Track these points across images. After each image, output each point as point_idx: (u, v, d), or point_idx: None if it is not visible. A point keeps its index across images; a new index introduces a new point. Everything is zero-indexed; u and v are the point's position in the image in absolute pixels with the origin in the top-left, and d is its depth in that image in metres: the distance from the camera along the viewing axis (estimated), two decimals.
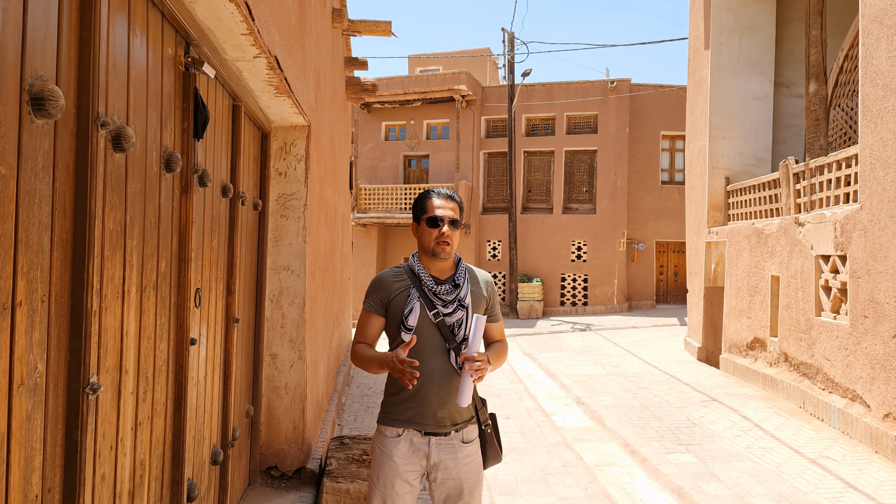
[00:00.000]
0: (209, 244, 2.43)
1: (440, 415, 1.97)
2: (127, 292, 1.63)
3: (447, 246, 2.00)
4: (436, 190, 2.10)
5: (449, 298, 1.99)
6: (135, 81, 1.66)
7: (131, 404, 1.68)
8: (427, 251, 2.02)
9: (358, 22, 5.57)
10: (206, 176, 2.24)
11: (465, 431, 2.03)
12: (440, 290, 2.00)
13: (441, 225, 2.00)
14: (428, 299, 1.99)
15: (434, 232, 2.00)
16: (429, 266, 2.05)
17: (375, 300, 2.05)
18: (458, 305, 2.00)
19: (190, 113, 2.06)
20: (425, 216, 2.03)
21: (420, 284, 2.01)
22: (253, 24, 2.14)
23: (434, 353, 1.98)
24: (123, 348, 1.62)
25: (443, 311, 1.99)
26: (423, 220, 2.04)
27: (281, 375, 3.51)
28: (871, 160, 5.10)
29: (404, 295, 2.01)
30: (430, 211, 2.02)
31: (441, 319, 1.98)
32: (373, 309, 2.05)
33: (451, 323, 1.99)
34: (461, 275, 2.06)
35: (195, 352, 2.24)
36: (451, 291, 2.01)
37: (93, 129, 1.38)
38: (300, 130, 3.55)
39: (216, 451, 2.53)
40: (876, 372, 4.94)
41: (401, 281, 2.05)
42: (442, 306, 1.99)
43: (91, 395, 1.38)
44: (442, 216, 2.01)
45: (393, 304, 2.02)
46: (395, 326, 2.01)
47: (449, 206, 2.03)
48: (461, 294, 2.01)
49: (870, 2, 5.21)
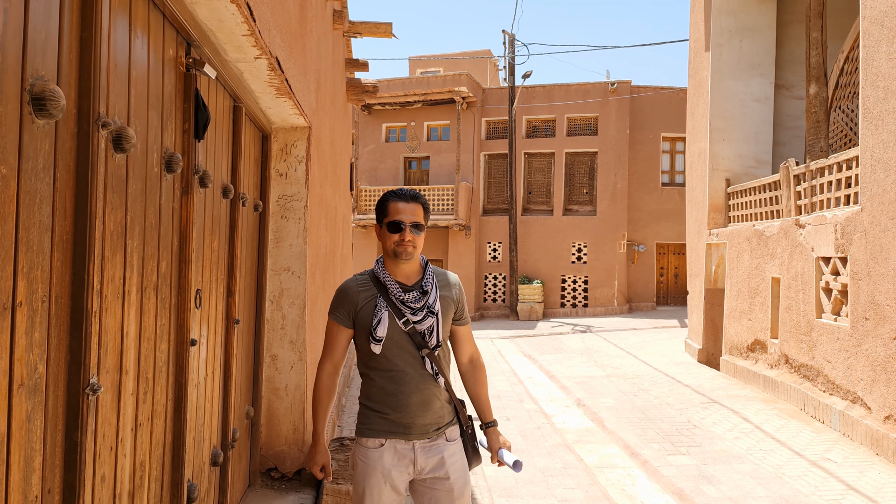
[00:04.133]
0: (210, 245, 2.43)
1: (421, 422, 1.92)
2: (127, 293, 1.63)
3: (410, 247, 1.91)
4: (398, 190, 1.99)
5: (417, 306, 1.91)
6: (136, 82, 1.66)
7: (131, 405, 1.68)
8: (389, 254, 1.94)
9: (359, 23, 5.58)
10: (207, 177, 2.24)
11: (448, 431, 1.98)
12: (408, 298, 1.91)
13: (403, 229, 1.91)
14: (396, 308, 1.90)
15: (395, 236, 1.91)
16: (394, 271, 1.96)
17: (342, 312, 1.96)
18: (427, 312, 1.92)
19: (191, 114, 2.06)
20: (386, 220, 1.94)
21: (387, 293, 1.92)
22: (254, 25, 2.14)
23: (409, 361, 1.92)
24: (124, 349, 1.62)
25: (412, 318, 1.91)
26: (384, 223, 1.94)
27: (281, 377, 3.51)
28: (872, 162, 5.10)
29: (371, 305, 1.92)
30: (391, 215, 1.93)
31: (412, 327, 1.91)
32: (340, 321, 1.96)
33: (422, 330, 1.92)
34: (429, 280, 1.97)
35: (195, 353, 2.23)
36: (419, 299, 1.92)
37: (94, 130, 1.38)
38: (301, 132, 3.55)
39: (216, 453, 2.52)
40: (877, 374, 4.93)
41: (367, 290, 1.95)
42: (411, 314, 1.91)
43: (91, 395, 1.37)
44: (402, 220, 1.91)
45: (360, 314, 1.93)
46: (364, 338, 1.93)
47: (411, 208, 1.93)
48: (430, 301, 1.93)
49: (870, 4, 5.21)
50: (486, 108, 17.74)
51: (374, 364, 1.94)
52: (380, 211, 1.98)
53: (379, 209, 1.99)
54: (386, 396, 1.92)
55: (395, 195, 1.96)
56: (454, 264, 17.19)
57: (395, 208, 1.93)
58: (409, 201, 1.94)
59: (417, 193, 1.98)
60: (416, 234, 1.91)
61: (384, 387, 1.93)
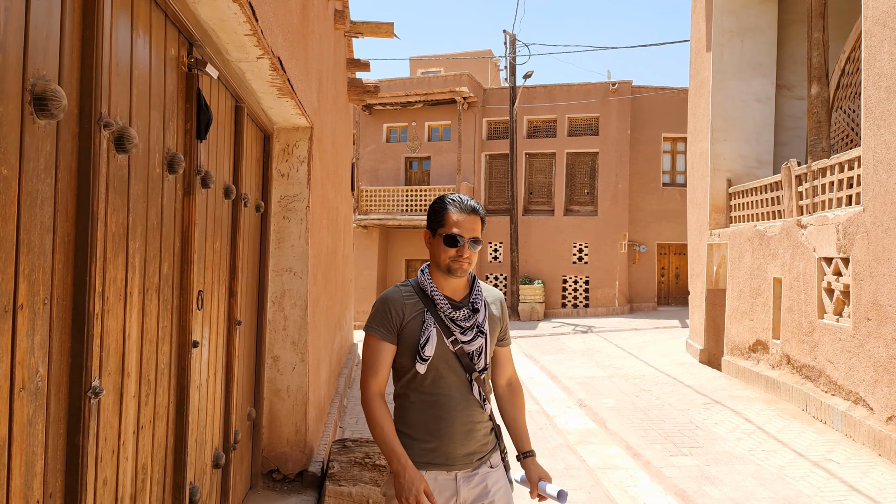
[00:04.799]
0: (212, 246, 2.42)
1: (465, 451, 1.75)
2: (129, 295, 1.62)
3: (466, 264, 1.74)
4: (458, 199, 1.78)
5: (467, 325, 1.76)
6: (138, 82, 1.65)
7: (133, 408, 1.66)
8: (441, 268, 1.76)
9: (360, 23, 5.57)
10: (209, 177, 2.23)
11: (492, 458, 1.83)
12: (458, 316, 1.75)
13: (461, 244, 1.73)
14: (444, 325, 1.74)
15: (451, 251, 1.74)
16: (442, 284, 1.79)
17: (385, 326, 1.76)
18: (477, 332, 1.76)
19: (193, 114, 2.05)
20: (443, 231, 1.75)
21: (435, 308, 1.76)
22: (256, 25, 2.13)
23: (454, 385, 1.76)
24: (126, 351, 1.61)
25: (461, 338, 1.75)
26: (439, 234, 1.76)
27: (283, 378, 3.49)
28: (874, 162, 5.08)
29: (419, 320, 1.75)
30: (448, 226, 1.74)
31: (460, 347, 1.75)
32: (383, 336, 1.75)
33: (471, 351, 1.76)
34: (478, 297, 1.82)
35: (197, 354, 2.22)
36: (468, 317, 1.77)
37: (95, 130, 1.37)
38: (303, 132, 3.54)
39: (218, 455, 2.51)
40: (879, 375, 4.92)
41: (412, 303, 1.77)
42: (460, 333, 1.74)
43: (93, 399, 1.36)
44: (461, 235, 1.73)
45: (406, 330, 1.75)
46: (407, 356, 1.75)
47: (471, 221, 1.75)
48: (479, 320, 1.78)
49: (872, 4, 5.20)
50: (487, 108, 17.73)
51: (416, 386, 1.77)
52: (434, 218, 1.79)
53: (433, 216, 1.79)
54: (428, 423, 1.74)
55: (455, 205, 1.77)
56: None
57: (454, 220, 1.75)
58: (470, 213, 1.76)
59: (478, 205, 1.80)
60: (473, 249, 1.75)
61: (426, 412, 1.75)
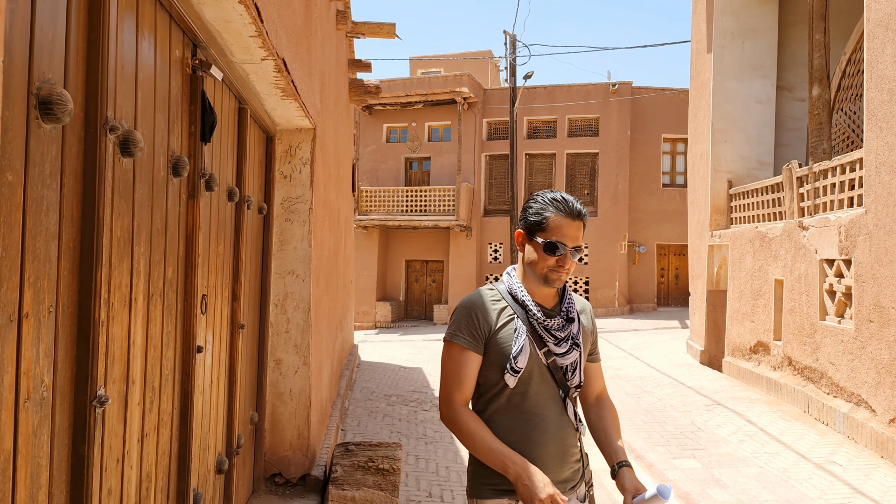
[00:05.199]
0: (215, 249, 2.39)
1: (557, 478, 1.55)
2: (134, 300, 1.60)
3: (566, 275, 1.57)
4: (562, 200, 1.57)
5: (562, 335, 1.58)
6: (143, 84, 1.62)
7: (138, 415, 1.64)
8: (536, 276, 1.58)
9: (362, 24, 5.54)
10: (213, 180, 2.21)
11: (579, 489, 1.65)
12: (552, 325, 1.57)
13: (563, 254, 1.54)
14: (537, 335, 1.56)
15: (551, 259, 1.55)
16: (532, 290, 1.61)
17: (472, 333, 1.56)
18: (572, 344, 1.59)
19: (197, 116, 2.03)
20: (543, 236, 1.56)
21: (526, 315, 1.58)
22: (262, 26, 2.11)
23: (548, 403, 1.57)
24: (130, 358, 1.58)
25: (555, 350, 1.57)
26: (537, 239, 1.57)
27: (285, 381, 3.47)
28: (877, 164, 5.07)
29: (510, 328, 1.56)
30: (550, 232, 1.55)
31: (553, 360, 1.57)
32: (470, 346, 1.55)
33: (564, 365, 1.58)
34: (571, 306, 1.64)
35: (201, 359, 2.20)
36: (563, 326, 1.59)
37: (101, 134, 1.35)
38: (305, 133, 3.51)
39: (221, 460, 2.49)
40: (881, 377, 4.91)
41: (501, 308, 1.59)
42: (554, 344, 1.57)
43: (98, 408, 1.34)
44: (565, 243, 1.54)
45: (496, 338, 1.56)
46: (495, 368, 1.55)
47: (575, 228, 1.55)
48: (574, 330, 1.60)
49: (875, 6, 5.19)
50: (487, 108, 17.72)
51: (504, 403, 1.56)
52: (533, 220, 1.58)
53: (532, 217, 1.59)
54: (517, 444, 1.53)
55: (560, 208, 1.56)
56: (455, 265, 17.17)
57: (559, 226, 1.55)
58: (575, 219, 1.56)
59: (583, 208, 1.60)
60: (575, 259, 1.57)
61: (514, 432, 1.54)
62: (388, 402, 6.40)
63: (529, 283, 1.61)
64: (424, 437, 5.21)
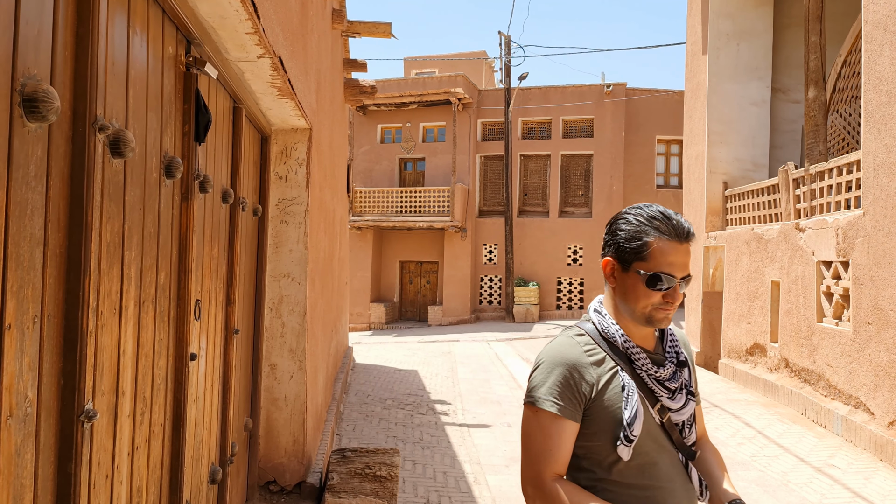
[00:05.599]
0: (209, 253, 2.32)
1: None
2: (124, 308, 1.53)
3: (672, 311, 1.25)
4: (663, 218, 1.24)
5: (675, 386, 1.28)
6: (134, 82, 1.56)
7: (128, 428, 1.57)
8: (635, 314, 1.25)
9: (357, 23, 5.48)
10: (207, 181, 2.14)
11: None
12: (663, 375, 1.27)
13: (672, 287, 1.22)
14: (646, 389, 1.26)
15: (655, 296, 1.22)
16: (631, 331, 1.29)
17: (569, 396, 1.22)
18: (687, 395, 1.29)
19: (191, 115, 1.96)
20: (644, 267, 1.22)
21: (631, 365, 1.26)
22: (258, 23, 2.04)
23: (670, 473, 1.26)
24: (120, 368, 1.51)
25: (670, 405, 1.26)
26: (637, 271, 1.23)
27: (280, 386, 3.40)
28: (875, 166, 5.07)
29: (616, 385, 1.24)
30: (654, 263, 1.21)
31: (668, 418, 1.27)
32: (565, 412, 1.21)
33: (680, 422, 1.28)
34: (676, 344, 1.34)
35: (195, 367, 2.13)
36: (675, 375, 1.28)
37: (90, 134, 1.28)
38: (301, 133, 3.44)
39: (214, 470, 2.41)
40: (880, 379, 4.90)
41: (599, 360, 1.26)
42: (668, 398, 1.26)
43: (86, 423, 1.27)
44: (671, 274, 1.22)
45: (601, 401, 1.23)
46: (602, 438, 1.23)
47: (684, 254, 1.23)
48: (686, 377, 1.31)
49: (873, 7, 5.19)
50: (481, 109, 17.68)
51: (616, 478, 1.24)
52: (629, 247, 1.25)
53: (629, 244, 1.24)
54: None
55: (664, 230, 1.22)
56: (450, 266, 17.11)
57: (663, 252, 1.21)
58: (684, 241, 1.23)
59: (690, 227, 1.26)
60: (683, 290, 1.25)
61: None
62: (383, 406, 6.33)
63: (625, 322, 1.29)
64: (421, 441, 5.14)
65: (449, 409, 6.33)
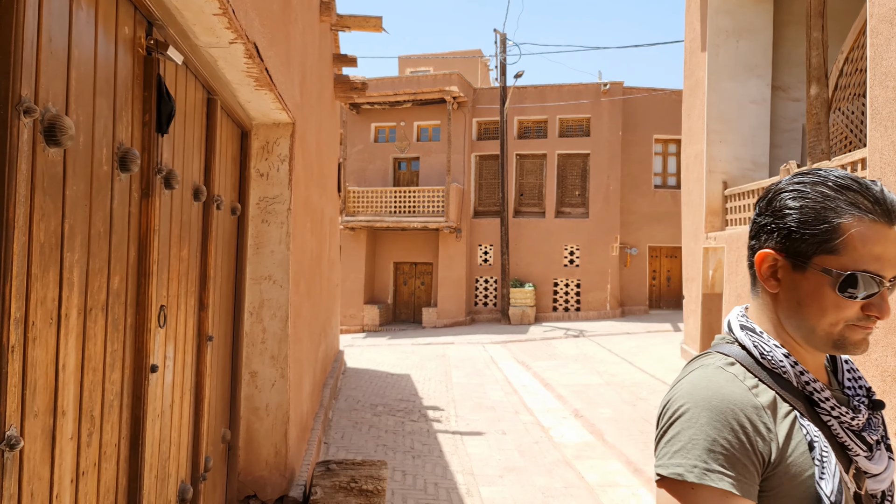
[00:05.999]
0: (177, 254, 2.14)
1: None
2: (65, 317, 1.35)
3: (871, 331, 0.87)
4: (862, 187, 0.85)
5: (873, 439, 0.89)
6: (78, 63, 1.38)
7: (70, 452, 1.39)
8: (816, 336, 0.87)
9: (347, 17, 5.31)
10: (174, 177, 1.96)
11: None
12: (858, 423, 0.88)
13: (879, 291, 0.84)
14: (835, 442, 0.88)
15: (852, 308, 0.84)
16: (803, 358, 0.91)
17: (740, 463, 0.80)
18: (886, 450, 0.91)
19: (152, 103, 1.78)
20: (832, 262, 0.84)
21: (813, 408, 0.88)
22: (227, 4, 1.87)
23: None
24: (60, 385, 1.33)
25: (869, 468, 0.88)
26: (819, 267, 0.85)
27: (261, 395, 3.22)
28: (881, 164, 4.92)
29: (799, 440, 0.84)
30: (855, 255, 0.83)
31: (864, 486, 0.89)
32: (742, 488, 0.80)
33: (878, 492, 0.90)
34: (855, 370, 0.97)
35: (158, 379, 1.95)
36: (870, 424, 0.90)
37: (12, 117, 1.10)
38: (284, 128, 3.27)
39: (184, 488, 2.23)
40: (888, 384, 4.75)
41: (769, 401, 0.85)
42: (865, 455, 0.88)
43: (8, 452, 1.09)
44: (880, 275, 0.83)
45: (788, 466, 0.83)
46: None
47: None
48: (879, 422, 0.93)
49: (878, 1, 5.05)
50: (477, 108, 17.52)
51: None
52: (811, 233, 0.85)
53: (809, 229, 0.85)
54: None
55: (866, 206, 0.84)
56: (445, 267, 16.94)
57: (869, 242, 0.83)
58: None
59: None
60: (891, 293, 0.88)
61: None
62: (374, 413, 6.15)
63: (791, 345, 0.90)
64: (412, 450, 4.96)
65: (442, 416, 6.15)
